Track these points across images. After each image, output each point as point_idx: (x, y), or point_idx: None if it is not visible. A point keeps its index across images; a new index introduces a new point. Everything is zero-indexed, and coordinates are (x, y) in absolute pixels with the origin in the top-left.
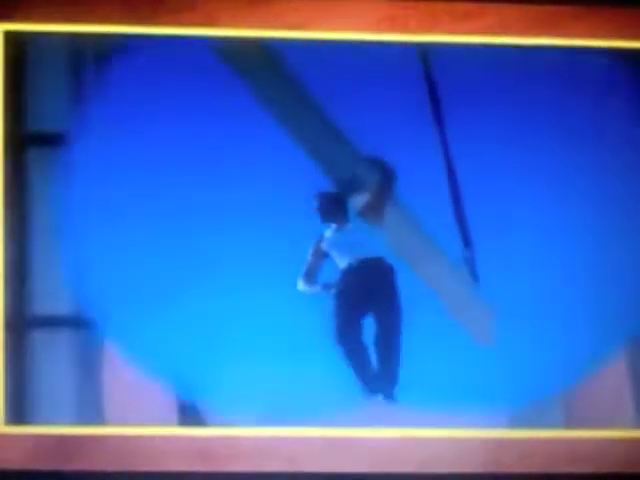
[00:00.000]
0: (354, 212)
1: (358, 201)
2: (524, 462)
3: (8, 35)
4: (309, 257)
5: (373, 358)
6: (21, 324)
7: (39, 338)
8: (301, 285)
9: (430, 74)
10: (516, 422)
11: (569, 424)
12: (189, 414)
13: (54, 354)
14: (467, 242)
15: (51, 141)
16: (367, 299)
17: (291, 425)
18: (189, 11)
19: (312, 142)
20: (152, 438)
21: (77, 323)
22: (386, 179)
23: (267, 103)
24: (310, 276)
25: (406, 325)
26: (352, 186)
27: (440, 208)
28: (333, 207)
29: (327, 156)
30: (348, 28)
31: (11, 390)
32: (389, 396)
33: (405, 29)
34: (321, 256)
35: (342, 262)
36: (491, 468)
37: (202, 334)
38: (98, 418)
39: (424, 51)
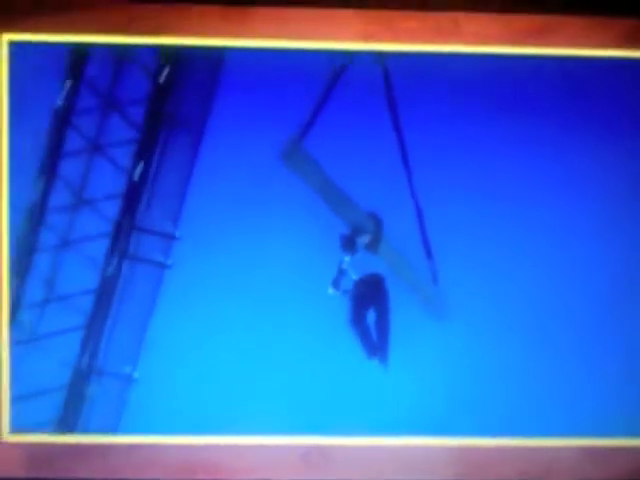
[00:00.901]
0: (361, 246)
1: (363, 239)
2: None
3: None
4: (336, 273)
5: (373, 335)
6: None
7: None
8: (331, 290)
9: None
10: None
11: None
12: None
13: None
14: (429, 256)
15: None
16: (370, 298)
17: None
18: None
19: (331, 202)
20: (148, 447)
21: None
22: (378, 226)
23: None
24: (336, 285)
25: (394, 315)
26: (359, 230)
27: (413, 243)
28: (348, 243)
29: (341, 210)
30: (323, 39)
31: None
32: (383, 359)
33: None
34: (342, 273)
35: (355, 276)
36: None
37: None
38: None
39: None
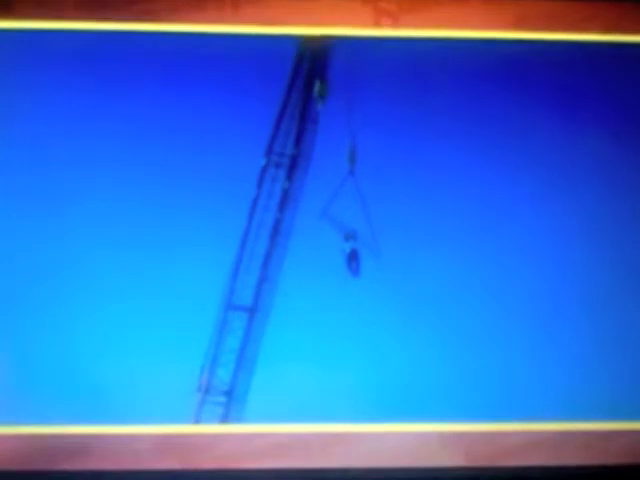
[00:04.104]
0: (349, 240)
1: (349, 237)
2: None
3: None
4: (344, 248)
5: (353, 269)
6: None
7: None
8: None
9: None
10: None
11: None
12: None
13: None
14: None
15: None
16: (352, 257)
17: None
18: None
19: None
20: (137, 437)
21: None
22: (355, 234)
23: None
24: (343, 252)
25: (362, 260)
26: (348, 235)
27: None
28: (345, 239)
29: (341, 230)
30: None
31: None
32: (357, 275)
33: None
34: (344, 249)
35: (348, 249)
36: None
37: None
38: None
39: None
